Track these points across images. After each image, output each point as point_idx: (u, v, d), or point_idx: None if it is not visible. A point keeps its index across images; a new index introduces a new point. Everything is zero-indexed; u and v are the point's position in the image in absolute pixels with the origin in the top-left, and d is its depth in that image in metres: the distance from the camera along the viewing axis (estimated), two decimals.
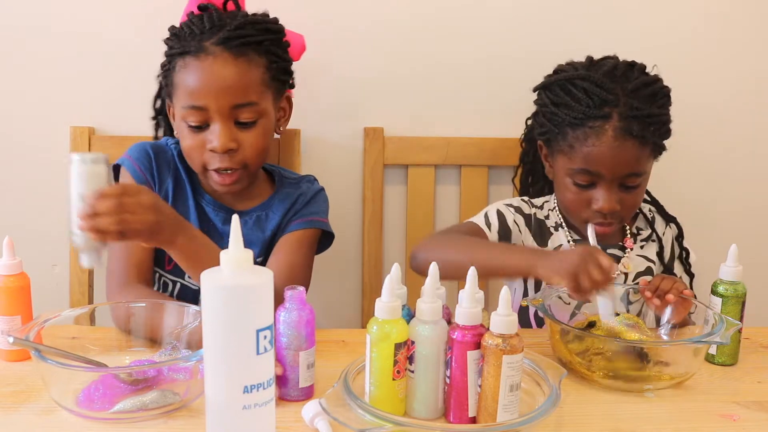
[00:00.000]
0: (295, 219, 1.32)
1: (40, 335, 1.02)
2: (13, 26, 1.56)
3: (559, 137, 1.31)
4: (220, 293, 0.79)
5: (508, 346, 0.88)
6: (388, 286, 0.91)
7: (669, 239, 1.43)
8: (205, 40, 1.21)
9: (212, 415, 0.82)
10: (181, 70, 1.22)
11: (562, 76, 1.33)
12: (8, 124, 1.60)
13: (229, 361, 0.80)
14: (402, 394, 0.94)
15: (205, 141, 1.22)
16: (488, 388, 0.90)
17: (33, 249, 1.29)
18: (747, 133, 1.71)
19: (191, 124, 1.22)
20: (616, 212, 1.30)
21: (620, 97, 1.26)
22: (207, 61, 1.20)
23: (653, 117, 1.27)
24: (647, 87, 1.29)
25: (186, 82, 1.22)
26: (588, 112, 1.27)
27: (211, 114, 1.21)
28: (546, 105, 1.35)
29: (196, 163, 1.26)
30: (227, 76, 1.20)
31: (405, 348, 0.92)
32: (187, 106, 1.21)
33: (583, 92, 1.28)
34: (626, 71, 1.30)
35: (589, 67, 1.33)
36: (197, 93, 1.21)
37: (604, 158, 1.26)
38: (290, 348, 0.97)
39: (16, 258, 1.08)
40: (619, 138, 1.25)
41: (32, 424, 0.92)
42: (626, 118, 1.25)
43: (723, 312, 1.11)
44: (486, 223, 1.36)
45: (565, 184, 1.33)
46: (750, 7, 1.65)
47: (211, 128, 1.22)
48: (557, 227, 1.39)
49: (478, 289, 0.93)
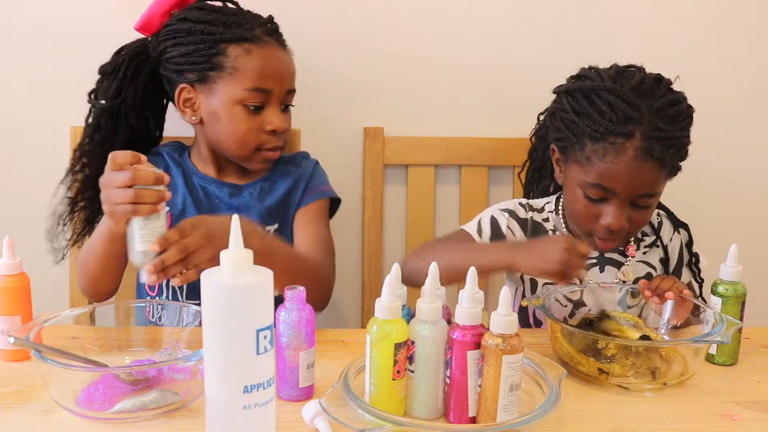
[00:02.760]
0: (306, 193, 1.40)
1: (40, 335, 1.02)
2: (13, 26, 1.56)
3: (577, 147, 1.27)
4: (220, 293, 0.79)
5: (508, 346, 0.88)
6: (388, 286, 0.91)
7: (676, 247, 1.40)
8: (255, 28, 1.32)
9: (212, 415, 0.82)
10: (241, 55, 1.30)
11: (587, 85, 1.28)
12: (8, 124, 1.60)
13: (229, 361, 0.80)
14: (402, 394, 0.94)
15: (262, 123, 1.32)
16: (488, 388, 0.90)
17: (33, 249, 1.29)
18: (747, 133, 1.71)
19: (253, 105, 1.31)
20: (623, 230, 1.27)
21: (645, 115, 1.22)
22: (268, 49, 1.32)
23: (675, 140, 1.23)
24: (672, 106, 1.24)
25: (252, 65, 1.30)
26: (610, 128, 1.22)
27: (272, 97, 1.32)
28: (566, 111, 1.30)
29: (251, 144, 1.34)
30: (287, 63, 1.35)
31: (405, 348, 0.92)
32: (252, 88, 1.30)
33: (608, 105, 1.23)
34: (653, 87, 1.26)
35: (615, 77, 1.28)
36: (265, 76, 1.31)
37: (620, 177, 1.23)
38: (290, 348, 0.97)
39: (16, 258, 1.08)
40: (639, 159, 1.21)
41: (32, 424, 0.92)
42: (649, 139, 1.21)
43: (723, 312, 1.11)
44: (477, 230, 1.37)
45: (576, 195, 1.29)
46: (755, 12, 1.65)
47: (267, 111, 1.32)
48: (556, 230, 1.38)
49: (478, 289, 0.93)
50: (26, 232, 1.26)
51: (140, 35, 1.38)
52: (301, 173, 1.42)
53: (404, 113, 1.65)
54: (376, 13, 1.61)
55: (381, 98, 1.65)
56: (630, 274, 1.35)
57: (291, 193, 1.40)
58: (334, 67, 1.61)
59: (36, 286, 1.11)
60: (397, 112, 1.65)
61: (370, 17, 1.61)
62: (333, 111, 1.63)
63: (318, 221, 1.38)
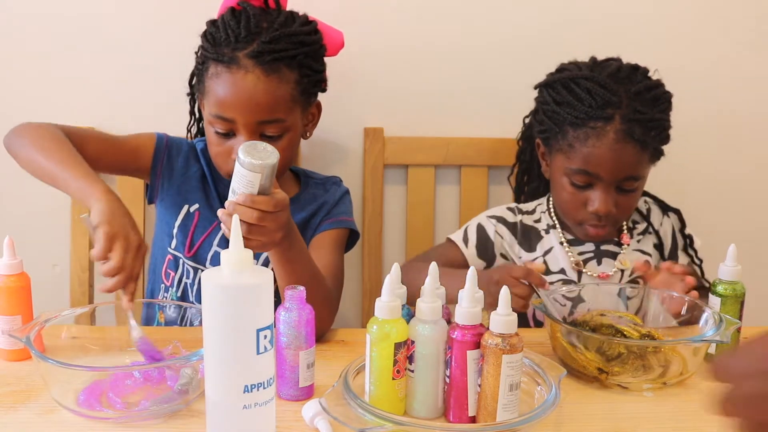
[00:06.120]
0: (326, 219, 1.36)
1: (40, 335, 1.03)
2: (14, 26, 1.56)
3: (559, 136, 1.31)
4: (220, 293, 0.79)
5: (507, 346, 0.88)
6: (388, 286, 0.91)
7: (668, 231, 1.43)
8: (239, 50, 1.22)
9: (212, 415, 0.82)
10: (213, 77, 1.24)
11: (566, 75, 1.33)
12: (8, 124, 1.60)
13: (229, 361, 0.80)
14: (402, 393, 0.94)
15: (230, 149, 1.25)
16: (488, 387, 0.90)
17: (33, 249, 1.29)
18: (746, 132, 1.71)
19: (218, 131, 1.25)
20: (611, 215, 1.30)
21: (623, 99, 1.26)
22: (238, 75, 1.21)
23: (655, 121, 1.27)
24: (650, 91, 1.29)
25: (216, 91, 1.24)
26: (590, 113, 1.27)
27: (238, 126, 1.23)
28: (547, 103, 1.34)
29: (222, 169, 1.30)
30: (256, 93, 1.21)
31: (405, 348, 0.92)
32: (215, 115, 1.24)
33: (587, 92, 1.28)
34: (630, 74, 1.30)
35: (593, 67, 1.33)
36: (225, 105, 1.23)
37: (603, 160, 1.26)
38: (290, 348, 0.97)
39: (17, 258, 1.08)
40: (621, 141, 1.25)
41: (32, 424, 0.92)
42: (628, 121, 1.25)
43: (722, 312, 1.11)
44: (464, 239, 1.39)
45: (562, 183, 1.32)
46: (752, 10, 1.65)
47: (237, 138, 1.24)
48: (549, 230, 1.39)
49: (477, 288, 0.93)
50: (26, 232, 1.26)
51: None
52: (326, 199, 1.39)
53: (404, 113, 1.65)
54: (377, 13, 1.61)
55: (381, 98, 1.64)
56: (627, 263, 1.37)
57: (312, 217, 1.37)
58: (334, 68, 1.60)
59: (36, 286, 1.11)
60: (397, 112, 1.65)
61: (371, 17, 1.61)
62: (333, 111, 1.63)
63: (332, 249, 1.33)
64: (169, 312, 1.17)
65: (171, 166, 1.36)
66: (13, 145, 1.24)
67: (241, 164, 1.00)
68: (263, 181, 1.00)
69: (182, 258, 1.35)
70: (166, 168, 1.36)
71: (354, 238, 1.41)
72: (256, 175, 1.00)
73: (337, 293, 1.28)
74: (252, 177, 1.00)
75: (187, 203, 1.35)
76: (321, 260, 1.28)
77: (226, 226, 1.03)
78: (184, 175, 1.37)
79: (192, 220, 1.35)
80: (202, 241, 1.34)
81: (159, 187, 1.37)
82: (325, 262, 1.28)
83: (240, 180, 1.01)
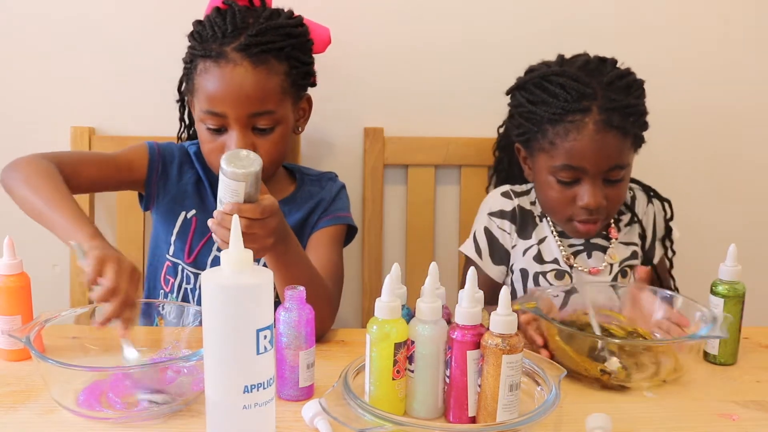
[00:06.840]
0: (323, 216, 1.36)
1: (40, 335, 1.03)
2: (14, 26, 1.56)
3: (539, 135, 1.31)
4: (220, 293, 0.79)
5: (507, 346, 0.88)
6: (388, 286, 0.91)
7: (650, 218, 1.42)
8: (227, 44, 1.22)
9: (212, 415, 0.82)
10: (202, 73, 1.24)
11: (536, 75, 1.33)
12: (8, 124, 1.60)
13: (229, 361, 0.80)
14: (402, 393, 0.94)
15: (222, 145, 1.24)
16: (488, 387, 0.90)
17: (33, 249, 1.29)
18: (747, 133, 1.71)
19: (210, 127, 1.25)
20: (602, 207, 1.29)
21: (597, 90, 1.27)
22: (227, 69, 1.21)
23: (632, 107, 1.27)
24: (622, 79, 1.29)
25: (205, 86, 1.23)
26: (567, 107, 1.27)
27: (229, 121, 1.23)
28: (522, 105, 1.34)
29: (214, 166, 1.28)
30: (246, 85, 1.21)
31: (405, 348, 0.92)
32: (206, 111, 1.24)
33: (560, 87, 1.28)
34: (599, 65, 1.31)
35: (562, 63, 1.34)
36: (216, 100, 1.23)
37: (586, 152, 1.26)
38: (290, 348, 0.97)
39: (17, 258, 1.08)
40: (601, 130, 1.25)
41: (32, 424, 0.92)
42: (606, 110, 1.25)
43: (723, 311, 1.11)
44: (477, 250, 1.39)
45: (548, 182, 1.32)
46: (751, 7, 1.65)
47: (229, 133, 1.24)
48: (541, 218, 1.39)
49: (477, 289, 0.93)
50: (26, 232, 1.25)
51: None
52: (322, 196, 1.38)
53: (404, 113, 1.65)
54: (377, 13, 1.61)
55: (381, 98, 1.64)
56: (616, 256, 1.37)
57: (309, 215, 1.36)
58: (334, 68, 1.61)
59: (36, 286, 1.11)
60: (397, 112, 1.65)
61: (371, 17, 1.61)
62: (333, 111, 1.63)
63: (331, 246, 1.33)
64: (169, 317, 1.16)
65: (166, 175, 1.35)
66: (8, 183, 1.21)
67: (224, 174, 1.00)
68: (248, 189, 1.01)
69: (182, 264, 1.34)
70: (161, 177, 1.35)
71: (352, 233, 1.41)
72: (240, 183, 1.00)
73: (337, 291, 1.28)
74: (236, 186, 1.00)
75: (183, 210, 1.35)
76: (320, 258, 1.27)
77: (217, 236, 1.04)
78: (179, 183, 1.36)
79: (190, 226, 1.34)
80: (202, 246, 1.33)
81: (155, 196, 1.36)
82: (324, 260, 1.28)
83: (225, 189, 1.01)
